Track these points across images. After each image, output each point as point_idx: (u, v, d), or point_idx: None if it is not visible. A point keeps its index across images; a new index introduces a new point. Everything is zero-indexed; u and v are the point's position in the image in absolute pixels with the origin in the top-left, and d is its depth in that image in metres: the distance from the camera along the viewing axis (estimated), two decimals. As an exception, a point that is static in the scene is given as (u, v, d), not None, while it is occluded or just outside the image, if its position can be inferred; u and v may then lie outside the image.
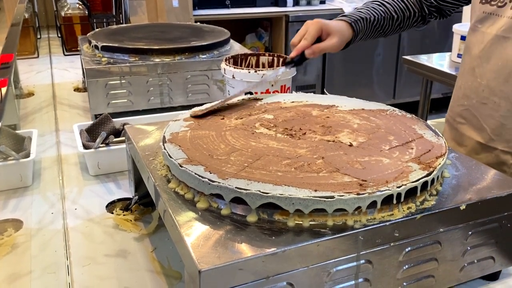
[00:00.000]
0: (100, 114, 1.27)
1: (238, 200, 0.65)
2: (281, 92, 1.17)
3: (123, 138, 1.14)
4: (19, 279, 0.80)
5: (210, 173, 0.68)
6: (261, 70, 1.15)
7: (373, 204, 0.64)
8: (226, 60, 1.22)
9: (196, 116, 0.90)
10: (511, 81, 1.00)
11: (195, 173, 0.68)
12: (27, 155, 1.09)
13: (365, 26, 1.16)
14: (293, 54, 1.09)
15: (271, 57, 1.27)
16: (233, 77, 1.16)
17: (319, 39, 1.09)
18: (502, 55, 1.02)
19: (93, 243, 0.89)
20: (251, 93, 1.15)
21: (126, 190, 1.06)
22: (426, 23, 1.26)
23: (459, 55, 2.39)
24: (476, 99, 1.08)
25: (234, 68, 1.17)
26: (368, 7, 1.18)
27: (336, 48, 1.12)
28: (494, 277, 0.78)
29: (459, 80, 1.16)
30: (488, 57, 1.04)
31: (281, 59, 1.25)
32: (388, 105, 0.98)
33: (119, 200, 1.04)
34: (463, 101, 1.13)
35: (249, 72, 1.15)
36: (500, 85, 1.02)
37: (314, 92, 1.08)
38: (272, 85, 1.15)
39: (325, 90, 3.55)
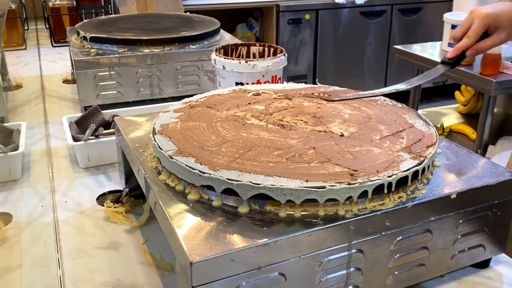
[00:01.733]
0: (90, 106, 1.26)
1: (229, 191, 0.65)
2: (272, 82, 1.17)
3: (113, 130, 1.13)
4: (9, 272, 0.80)
5: (201, 164, 0.68)
6: (252, 61, 1.14)
7: (364, 194, 0.64)
8: (216, 50, 1.21)
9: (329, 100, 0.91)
10: None
11: (186, 165, 0.68)
12: (16, 148, 1.07)
13: None
14: (452, 54, 0.95)
15: (261, 47, 1.26)
16: (224, 68, 1.16)
17: (485, 34, 0.95)
18: None
19: (84, 236, 0.89)
20: (242, 84, 1.15)
21: (116, 182, 1.06)
22: None
23: (449, 44, 2.39)
24: None
25: (225, 58, 1.16)
26: None
27: (504, 43, 0.96)
28: (484, 264, 0.79)
29: None
30: None
31: (272, 49, 1.24)
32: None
33: (110, 192, 1.03)
34: None
35: (240, 62, 1.14)
36: None
37: (306, 82, 1.07)
38: (263, 76, 1.15)
39: (316, 81, 3.55)
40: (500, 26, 0.94)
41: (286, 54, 1.20)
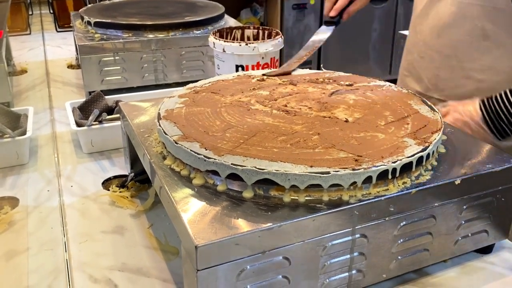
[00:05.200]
0: (94, 91, 1.26)
1: (234, 176, 0.65)
2: (271, 64, 1.17)
3: (116, 115, 1.13)
4: (16, 256, 0.81)
5: (206, 149, 0.68)
6: (252, 43, 1.14)
7: (368, 179, 0.64)
8: (213, 34, 1.21)
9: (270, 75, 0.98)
10: (442, 36, 1.08)
11: (191, 150, 0.68)
12: (23, 133, 1.08)
13: None
14: (333, 13, 1.10)
15: (256, 30, 1.26)
16: (224, 51, 1.15)
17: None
18: (436, 13, 1.09)
19: (89, 220, 0.89)
20: (242, 68, 1.15)
21: (120, 167, 1.06)
22: None
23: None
24: (416, 53, 1.18)
25: (225, 41, 1.16)
26: None
27: (364, 4, 1.16)
28: (487, 250, 0.79)
29: (407, 38, 1.26)
30: (427, 14, 1.12)
31: (266, 32, 1.24)
32: (384, 80, 0.97)
33: (115, 177, 1.04)
34: (407, 56, 1.23)
35: (240, 45, 1.14)
36: (433, 39, 1.11)
37: (310, 68, 1.07)
38: (263, 58, 1.15)
39: (321, 66, 3.53)
40: None
41: (282, 37, 1.20)
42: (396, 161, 0.66)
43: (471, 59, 1.04)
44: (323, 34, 1.12)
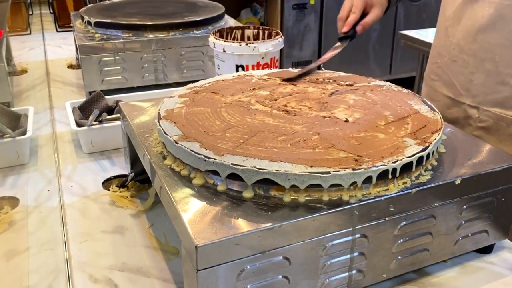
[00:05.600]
0: (95, 91, 1.26)
1: (234, 176, 0.65)
2: (271, 64, 1.17)
3: (116, 115, 1.13)
4: (17, 255, 0.81)
5: (206, 149, 0.68)
6: (252, 43, 1.14)
7: (368, 179, 0.64)
8: (213, 34, 1.21)
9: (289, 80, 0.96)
10: (478, 40, 1.04)
11: (191, 150, 0.68)
12: (24, 133, 1.08)
13: None
14: (345, 28, 1.10)
15: (256, 30, 1.26)
16: (224, 51, 1.15)
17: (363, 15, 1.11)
18: (471, 16, 1.05)
19: (89, 220, 0.90)
20: (242, 68, 1.15)
21: (120, 167, 1.06)
22: None
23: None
24: (447, 57, 1.13)
25: (225, 41, 1.16)
26: None
27: (379, 18, 1.13)
28: (487, 250, 0.79)
29: (435, 40, 1.21)
30: (459, 17, 1.08)
31: (266, 32, 1.24)
32: (384, 80, 0.97)
33: (115, 177, 1.04)
34: (436, 59, 1.18)
35: (240, 45, 1.14)
36: (468, 43, 1.06)
37: (310, 68, 1.07)
38: (263, 58, 1.15)
39: (321, 66, 3.53)
40: (373, 3, 1.11)
41: (282, 37, 1.20)
42: (396, 161, 0.66)
43: (508, 64, 0.99)
44: (337, 48, 1.13)
